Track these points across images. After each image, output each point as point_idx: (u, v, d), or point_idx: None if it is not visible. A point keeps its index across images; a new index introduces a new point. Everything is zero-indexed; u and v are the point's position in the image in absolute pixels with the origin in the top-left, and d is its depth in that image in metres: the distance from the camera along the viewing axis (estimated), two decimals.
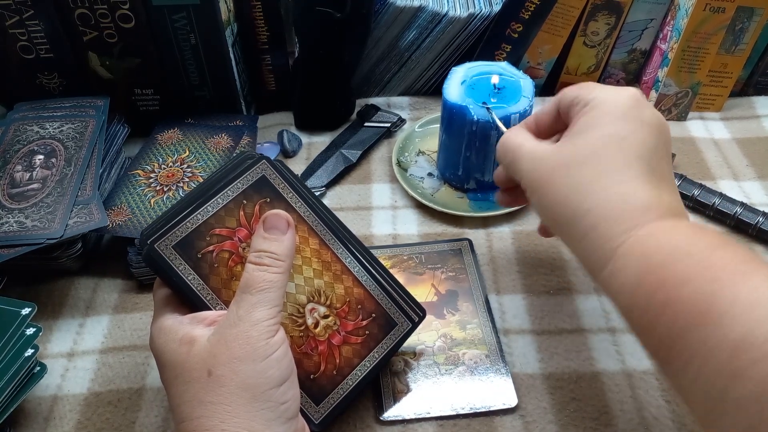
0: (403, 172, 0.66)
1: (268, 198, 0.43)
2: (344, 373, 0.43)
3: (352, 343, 0.44)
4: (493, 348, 0.50)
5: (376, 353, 0.44)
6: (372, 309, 0.45)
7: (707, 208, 0.61)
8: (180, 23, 0.61)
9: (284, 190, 0.44)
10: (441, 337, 0.51)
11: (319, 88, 0.70)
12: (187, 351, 0.38)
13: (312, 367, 0.43)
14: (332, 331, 0.43)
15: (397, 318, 0.45)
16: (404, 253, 0.58)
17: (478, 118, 0.57)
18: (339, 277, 0.44)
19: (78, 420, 0.47)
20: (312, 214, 0.44)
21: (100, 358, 0.51)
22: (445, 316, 0.53)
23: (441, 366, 0.49)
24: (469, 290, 0.55)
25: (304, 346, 0.43)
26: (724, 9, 0.66)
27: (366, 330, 0.44)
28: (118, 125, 0.64)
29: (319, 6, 0.63)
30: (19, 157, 0.58)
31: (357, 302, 0.44)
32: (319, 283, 0.44)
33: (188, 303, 0.41)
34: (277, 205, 0.43)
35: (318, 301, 0.43)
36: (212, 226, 0.42)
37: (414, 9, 0.68)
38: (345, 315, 0.44)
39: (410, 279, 0.56)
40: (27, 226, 0.52)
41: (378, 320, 0.45)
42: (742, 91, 0.78)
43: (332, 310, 0.44)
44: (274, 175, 0.44)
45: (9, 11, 0.59)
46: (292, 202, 0.44)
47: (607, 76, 0.78)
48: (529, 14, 0.70)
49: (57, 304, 0.55)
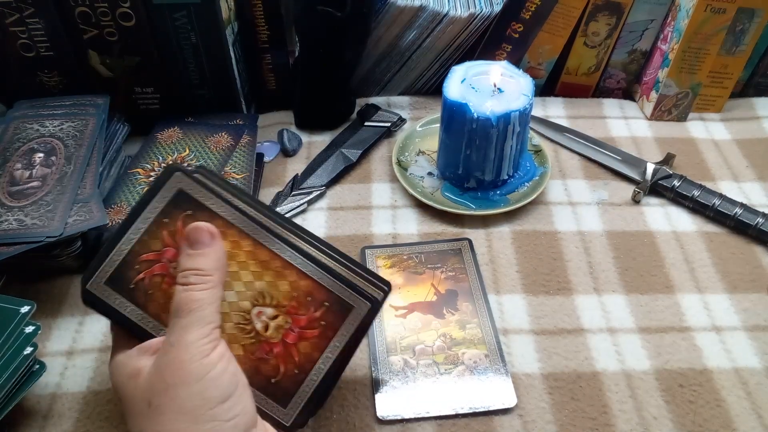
0: (403, 171, 0.66)
1: (189, 211, 0.41)
2: (306, 370, 0.41)
3: (308, 338, 0.42)
4: (492, 348, 0.50)
5: (337, 342, 0.42)
6: (323, 298, 0.42)
7: (707, 209, 0.61)
8: (180, 22, 0.61)
9: (204, 198, 0.42)
10: (440, 336, 0.51)
11: (319, 87, 0.70)
12: (134, 385, 0.38)
13: (271, 371, 0.41)
14: (285, 330, 0.41)
15: (352, 301, 0.42)
16: (404, 253, 0.58)
17: (478, 116, 0.57)
18: (281, 274, 0.42)
19: (77, 418, 0.47)
20: (239, 215, 0.42)
21: (100, 357, 0.51)
22: (444, 316, 0.53)
23: (440, 365, 0.49)
24: (469, 290, 0.55)
25: (258, 351, 0.41)
26: (724, 10, 0.66)
27: (321, 321, 0.42)
28: (118, 123, 0.64)
29: (319, 5, 0.63)
30: (19, 155, 0.58)
31: (306, 294, 0.42)
32: (260, 285, 0.41)
33: (135, 335, 0.41)
34: (200, 215, 0.41)
35: (263, 303, 0.41)
36: (138, 253, 0.42)
37: (415, 9, 0.68)
38: (296, 311, 0.42)
39: (410, 278, 0.56)
40: (26, 224, 0.52)
41: (332, 307, 0.42)
42: (742, 92, 0.78)
43: (280, 309, 0.42)
44: (191, 186, 0.42)
45: (9, 9, 0.59)
46: (216, 209, 0.42)
47: (607, 76, 0.78)
48: (529, 14, 0.70)
49: (56, 302, 0.55)
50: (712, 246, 0.59)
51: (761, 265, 0.58)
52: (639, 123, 0.74)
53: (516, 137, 0.59)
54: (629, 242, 0.60)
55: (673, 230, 0.61)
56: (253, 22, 0.68)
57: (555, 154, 0.70)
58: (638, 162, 0.67)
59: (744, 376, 0.49)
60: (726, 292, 0.55)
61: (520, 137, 0.60)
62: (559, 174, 0.67)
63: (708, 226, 0.62)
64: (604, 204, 0.64)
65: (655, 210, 0.63)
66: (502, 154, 0.60)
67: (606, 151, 0.69)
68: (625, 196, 0.65)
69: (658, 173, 0.64)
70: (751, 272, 0.57)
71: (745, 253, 0.59)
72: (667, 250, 0.59)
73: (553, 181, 0.66)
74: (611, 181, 0.66)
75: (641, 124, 0.74)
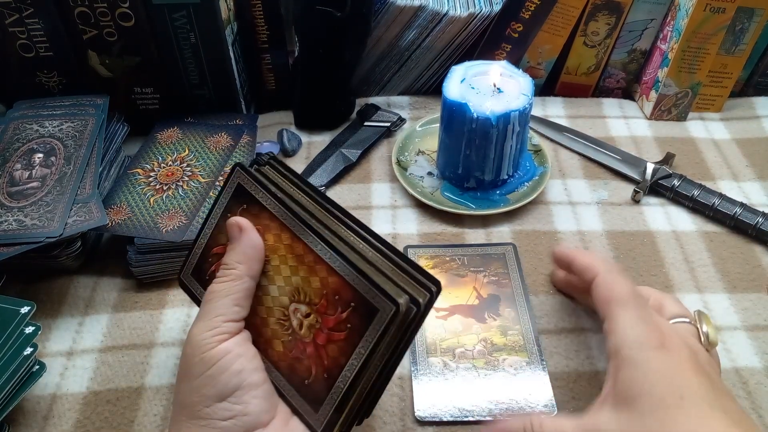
0: (403, 171, 0.66)
1: (245, 204, 0.43)
2: (334, 375, 0.38)
3: (335, 341, 0.38)
4: (534, 356, 0.50)
5: (362, 348, 0.37)
6: (349, 297, 0.37)
7: (707, 209, 0.61)
8: (180, 22, 0.61)
9: (256, 191, 0.42)
10: (481, 341, 0.51)
11: (319, 87, 0.70)
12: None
13: (304, 372, 0.39)
14: (316, 329, 0.39)
15: (377, 302, 0.36)
16: (446, 254, 0.58)
17: (478, 116, 0.57)
18: (313, 269, 0.39)
19: (77, 419, 0.47)
20: (280, 207, 0.41)
21: (100, 357, 0.51)
22: (486, 321, 0.52)
23: (480, 370, 0.49)
24: (512, 296, 0.54)
25: (295, 350, 0.39)
26: (724, 9, 0.66)
27: (347, 323, 0.37)
28: (118, 124, 0.64)
29: (319, 5, 0.63)
30: (19, 155, 0.58)
31: (334, 293, 0.38)
32: (296, 280, 0.40)
33: None
34: (252, 208, 0.42)
35: (298, 300, 0.39)
36: (211, 247, 0.44)
37: (414, 8, 0.68)
38: (325, 310, 0.38)
39: (452, 280, 0.55)
40: (26, 225, 0.52)
41: (358, 309, 0.37)
42: (741, 91, 0.78)
43: (312, 307, 0.39)
44: (246, 180, 0.43)
45: (9, 9, 0.59)
46: (264, 202, 0.42)
47: (607, 76, 0.78)
48: (529, 14, 0.70)
49: (56, 302, 0.55)
50: (711, 246, 0.60)
51: (761, 264, 0.58)
52: (639, 122, 0.74)
53: (516, 137, 0.59)
54: (629, 242, 0.60)
55: (673, 230, 0.61)
56: (253, 22, 0.68)
57: (555, 153, 0.70)
58: (638, 162, 0.67)
59: (744, 375, 0.49)
60: (726, 292, 0.55)
61: (519, 137, 0.60)
62: (559, 174, 0.67)
63: (708, 226, 0.62)
64: (603, 204, 0.64)
65: (655, 210, 0.63)
66: (502, 154, 0.60)
67: (606, 151, 0.69)
68: (624, 195, 0.65)
69: (657, 173, 0.64)
70: (750, 272, 0.57)
71: (745, 252, 0.59)
72: (666, 249, 0.59)
73: (553, 180, 0.66)
74: (611, 181, 0.66)
75: (641, 124, 0.74)
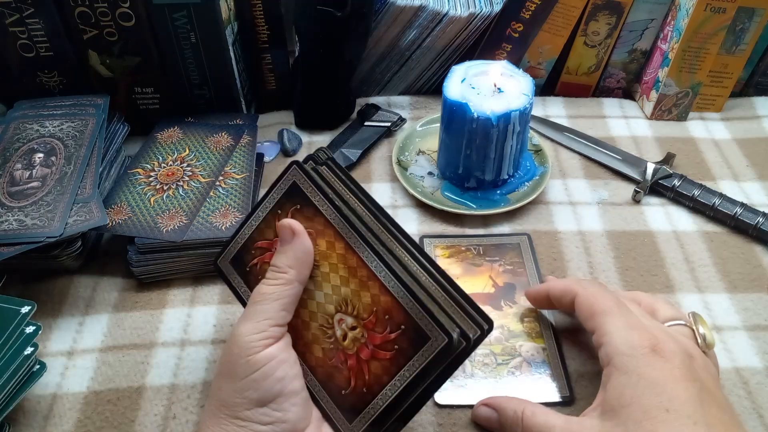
0: (404, 171, 0.66)
1: (298, 205, 0.42)
2: (374, 392, 0.38)
3: (380, 359, 0.38)
4: (550, 341, 0.51)
5: (407, 372, 0.37)
6: (401, 320, 0.38)
7: (707, 209, 0.61)
8: (180, 22, 0.61)
9: (312, 194, 0.41)
10: (498, 327, 0.51)
11: (319, 87, 0.70)
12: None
13: (343, 382, 0.39)
14: (360, 344, 0.39)
15: (429, 330, 0.37)
16: (462, 244, 0.58)
17: (478, 116, 0.57)
18: (365, 284, 0.39)
19: (78, 418, 0.47)
20: (337, 215, 0.40)
21: (100, 357, 0.51)
22: (502, 308, 0.53)
23: (498, 356, 0.50)
24: (527, 284, 0.55)
25: (335, 358, 0.40)
26: (724, 9, 0.66)
27: (395, 344, 0.38)
28: (118, 124, 0.64)
29: (319, 5, 0.63)
30: (19, 155, 0.58)
31: (384, 312, 0.38)
32: (345, 292, 0.40)
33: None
34: (307, 210, 0.41)
35: (345, 311, 0.39)
36: (255, 240, 0.44)
37: (414, 8, 0.68)
38: (372, 326, 0.38)
39: (468, 269, 0.56)
40: (26, 225, 0.52)
41: (408, 333, 0.37)
42: (742, 91, 0.78)
43: (359, 321, 0.39)
44: (302, 180, 0.42)
45: (9, 9, 0.59)
46: (320, 206, 0.41)
47: (607, 76, 0.78)
48: (529, 14, 0.70)
49: (57, 302, 0.55)
50: (712, 246, 0.59)
51: (761, 264, 0.58)
52: (639, 122, 0.74)
53: (516, 137, 0.59)
54: (629, 242, 0.60)
55: (674, 230, 0.61)
56: (253, 22, 0.68)
57: (555, 153, 0.70)
58: (638, 161, 0.67)
59: (744, 375, 0.49)
60: (726, 292, 0.55)
61: (520, 137, 0.60)
62: (560, 173, 0.67)
63: (708, 226, 0.62)
64: (604, 203, 0.64)
65: (656, 209, 0.63)
66: (503, 154, 0.60)
67: (606, 151, 0.69)
68: (625, 195, 0.65)
69: (658, 173, 0.64)
70: (751, 272, 0.57)
71: (746, 252, 0.59)
72: (667, 249, 0.59)
73: (553, 180, 0.66)
74: (611, 181, 0.66)
75: (641, 124, 0.74)
